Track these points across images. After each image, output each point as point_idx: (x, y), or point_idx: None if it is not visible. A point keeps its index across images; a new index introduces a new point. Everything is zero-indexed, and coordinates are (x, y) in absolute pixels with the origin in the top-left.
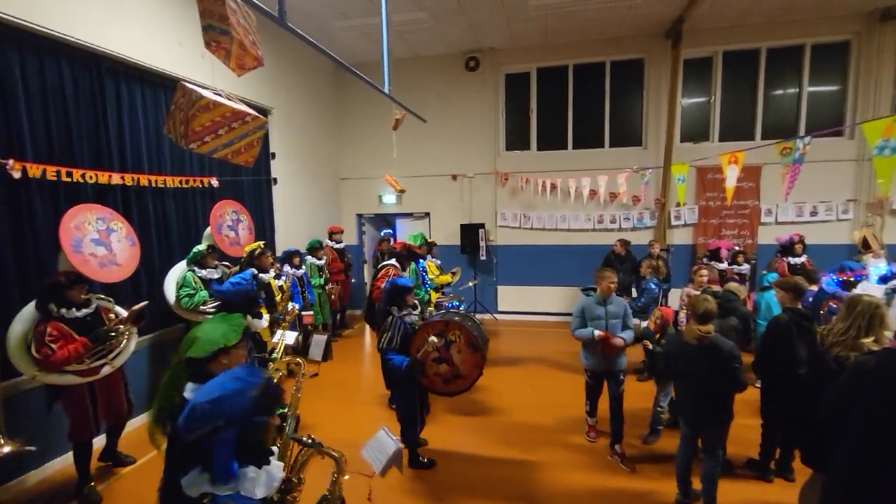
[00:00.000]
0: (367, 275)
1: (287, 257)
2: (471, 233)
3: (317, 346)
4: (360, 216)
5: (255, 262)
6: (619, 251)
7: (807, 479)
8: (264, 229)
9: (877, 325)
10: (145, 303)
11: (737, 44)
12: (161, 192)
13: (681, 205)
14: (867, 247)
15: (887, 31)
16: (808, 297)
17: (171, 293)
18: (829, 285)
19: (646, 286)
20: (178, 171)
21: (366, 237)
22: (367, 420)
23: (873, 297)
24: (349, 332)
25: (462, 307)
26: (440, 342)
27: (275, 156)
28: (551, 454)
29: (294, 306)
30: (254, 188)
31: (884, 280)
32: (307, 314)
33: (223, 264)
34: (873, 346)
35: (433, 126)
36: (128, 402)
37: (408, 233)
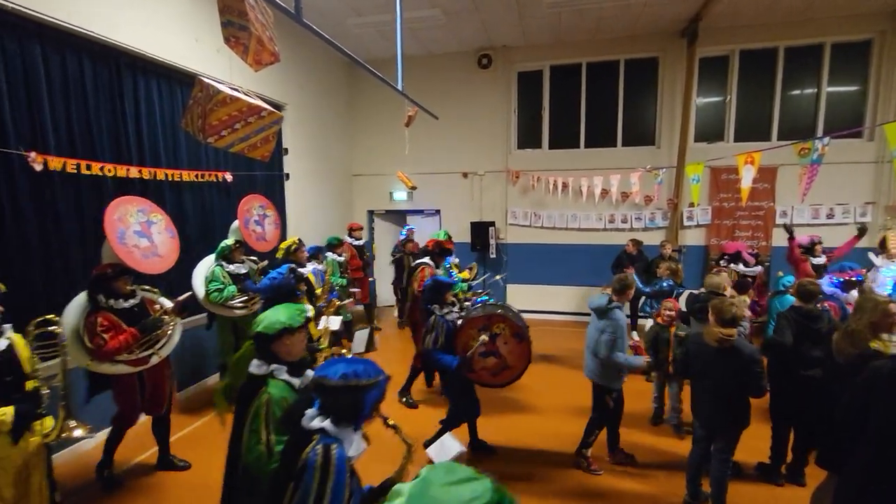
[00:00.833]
0: (381, 272)
1: (313, 254)
2: (481, 231)
3: (360, 340)
4: (371, 213)
5: (292, 257)
6: (631, 251)
7: (821, 481)
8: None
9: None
10: (189, 293)
11: (754, 43)
12: (177, 185)
13: (694, 205)
14: (885, 248)
15: None
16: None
17: (199, 287)
18: (828, 286)
19: (659, 284)
20: (193, 165)
21: (375, 233)
22: (403, 412)
23: (884, 296)
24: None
25: (491, 300)
26: (487, 339)
27: (287, 151)
28: (559, 452)
29: (333, 299)
30: (266, 183)
31: None
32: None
33: (250, 259)
34: (881, 347)
35: (445, 123)
36: (169, 393)
37: (428, 232)
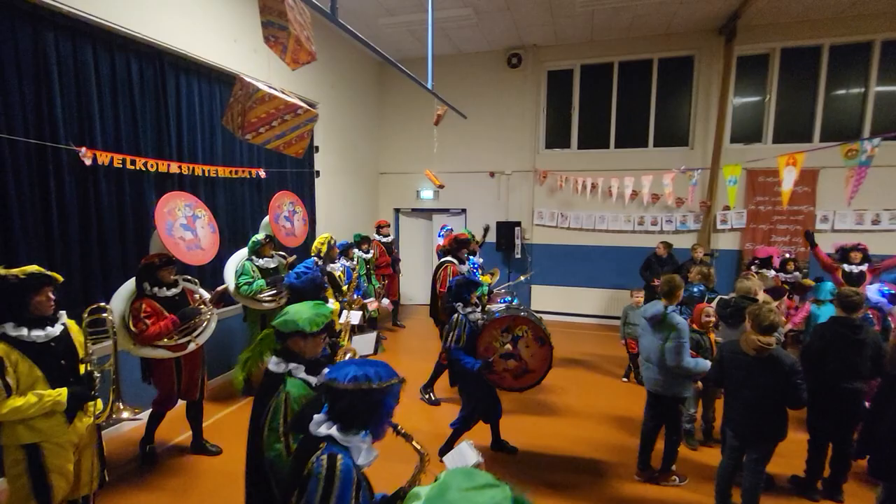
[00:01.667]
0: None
1: (344, 250)
2: (506, 230)
3: (365, 342)
4: (397, 210)
5: (327, 254)
6: (662, 253)
7: (880, 491)
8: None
9: None
10: (225, 286)
11: (797, 40)
12: (213, 181)
13: (730, 208)
14: None
15: None
16: None
17: (230, 280)
18: (874, 294)
19: (688, 290)
20: (228, 161)
21: (400, 231)
22: (418, 414)
23: None
24: (399, 328)
25: (515, 301)
26: (509, 342)
27: (318, 149)
28: (586, 458)
29: (357, 296)
30: (297, 180)
31: None
32: (370, 301)
33: (279, 254)
34: None
35: (473, 122)
36: (202, 381)
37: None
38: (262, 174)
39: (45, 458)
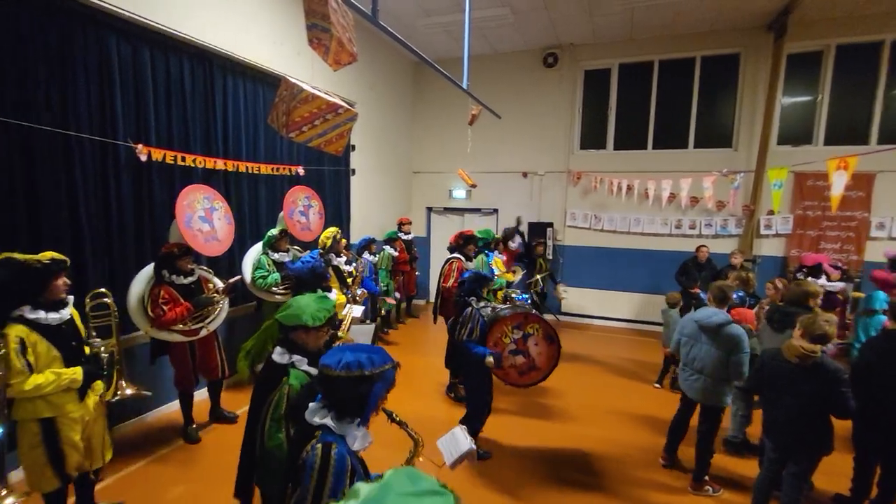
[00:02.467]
0: (435, 268)
1: (365, 245)
2: (538, 231)
3: (362, 333)
4: (429, 209)
5: (334, 247)
6: (702, 258)
7: None
8: (340, 217)
9: None
10: (239, 277)
11: (854, 36)
12: (255, 178)
13: (774, 213)
14: None
15: None
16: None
17: (247, 273)
18: None
19: None
20: (269, 159)
21: (432, 230)
22: (426, 409)
23: None
24: (412, 321)
25: (529, 300)
26: (519, 339)
27: (354, 147)
28: (606, 461)
29: (364, 290)
30: (334, 178)
31: None
32: (389, 299)
33: (294, 248)
34: None
35: (506, 122)
36: (222, 362)
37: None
38: (301, 172)
39: (59, 431)
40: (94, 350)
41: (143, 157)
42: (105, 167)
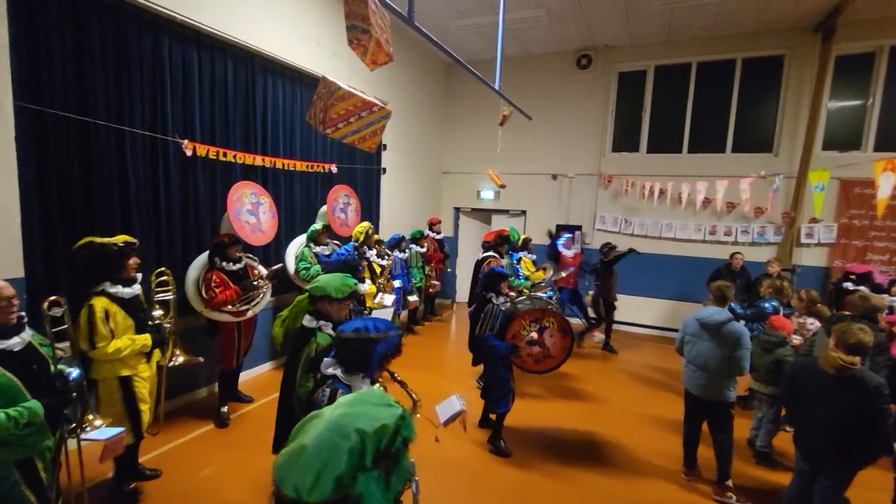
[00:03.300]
0: (462, 268)
1: (396, 243)
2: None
3: (385, 315)
4: (457, 209)
5: (366, 241)
6: (736, 266)
7: None
8: (371, 214)
9: None
10: (280, 265)
11: None
12: (290, 174)
13: (816, 219)
14: None
15: None
16: None
17: (290, 264)
18: None
19: (760, 304)
20: (304, 156)
21: (459, 230)
22: (445, 393)
23: None
24: (437, 319)
25: (552, 297)
26: (535, 331)
27: (386, 147)
28: (630, 466)
29: (391, 280)
30: (365, 176)
31: None
32: (413, 299)
33: (333, 242)
34: None
35: (537, 124)
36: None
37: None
38: (334, 170)
39: (135, 387)
40: (157, 321)
41: (189, 152)
42: (155, 161)
